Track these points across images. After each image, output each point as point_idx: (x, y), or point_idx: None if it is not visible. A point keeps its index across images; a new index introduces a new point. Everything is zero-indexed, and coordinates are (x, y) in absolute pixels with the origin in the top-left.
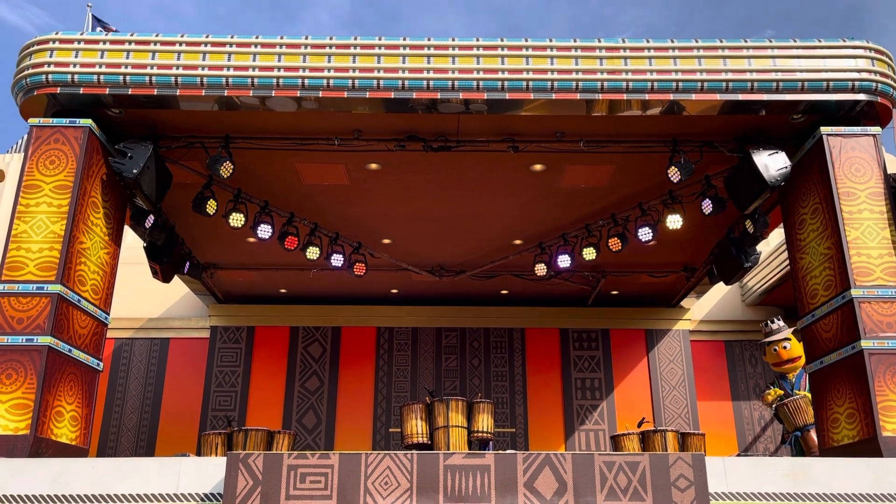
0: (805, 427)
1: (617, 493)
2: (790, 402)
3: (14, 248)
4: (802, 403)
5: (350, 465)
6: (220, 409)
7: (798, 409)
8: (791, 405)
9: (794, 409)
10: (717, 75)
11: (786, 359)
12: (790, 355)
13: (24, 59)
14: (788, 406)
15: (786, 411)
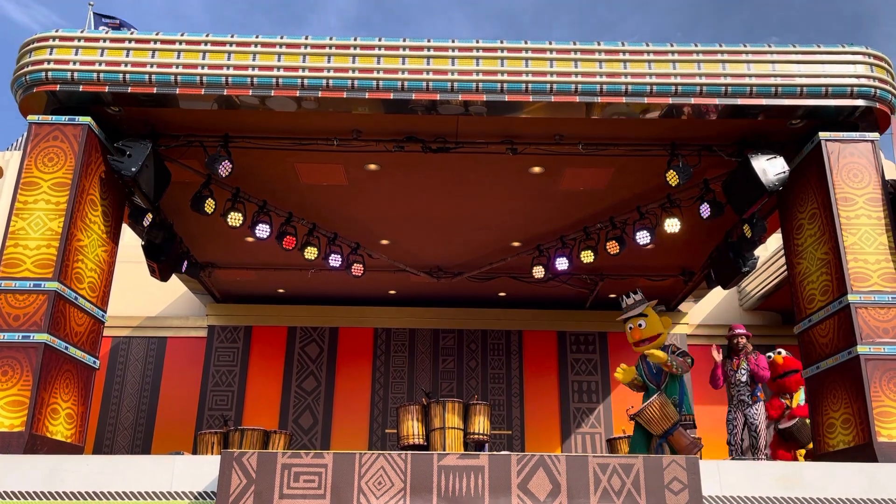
0: (668, 432)
1: (611, 495)
2: (644, 413)
3: (12, 244)
4: (657, 410)
5: (344, 465)
6: (217, 408)
7: (653, 419)
8: (646, 415)
9: (650, 420)
10: (716, 79)
11: (638, 339)
12: (643, 335)
13: (23, 55)
14: (643, 417)
15: (643, 421)
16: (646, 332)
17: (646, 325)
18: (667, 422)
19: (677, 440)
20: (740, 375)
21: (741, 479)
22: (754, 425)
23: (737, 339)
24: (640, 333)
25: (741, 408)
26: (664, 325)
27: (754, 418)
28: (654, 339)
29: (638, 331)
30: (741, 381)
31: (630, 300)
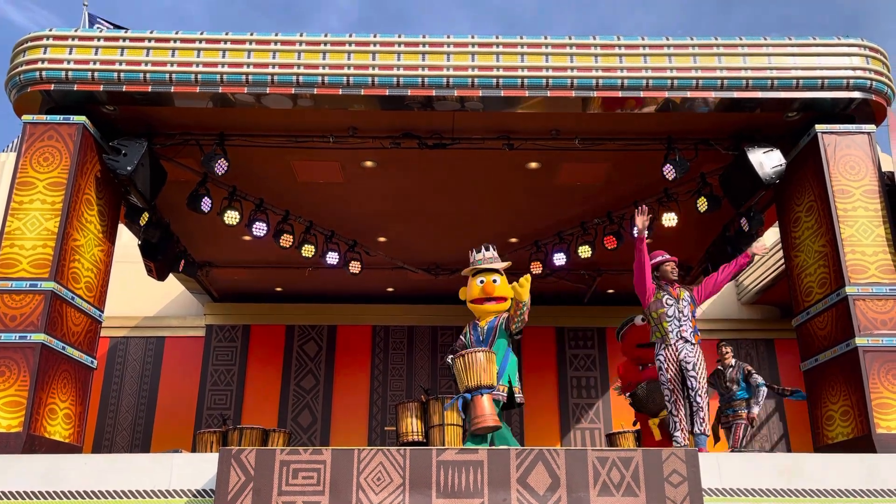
0: (478, 390)
1: (610, 488)
2: (468, 354)
3: (7, 245)
4: (482, 358)
5: (342, 461)
6: (216, 407)
7: (472, 364)
8: (467, 360)
9: (468, 365)
10: (712, 73)
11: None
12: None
13: (17, 55)
14: (465, 360)
15: (459, 366)
16: (499, 290)
17: (500, 283)
18: (481, 378)
19: (478, 405)
20: (682, 305)
21: (741, 471)
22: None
23: (665, 265)
24: (493, 289)
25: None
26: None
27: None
28: (501, 301)
29: (492, 286)
30: (682, 314)
31: (485, 254)
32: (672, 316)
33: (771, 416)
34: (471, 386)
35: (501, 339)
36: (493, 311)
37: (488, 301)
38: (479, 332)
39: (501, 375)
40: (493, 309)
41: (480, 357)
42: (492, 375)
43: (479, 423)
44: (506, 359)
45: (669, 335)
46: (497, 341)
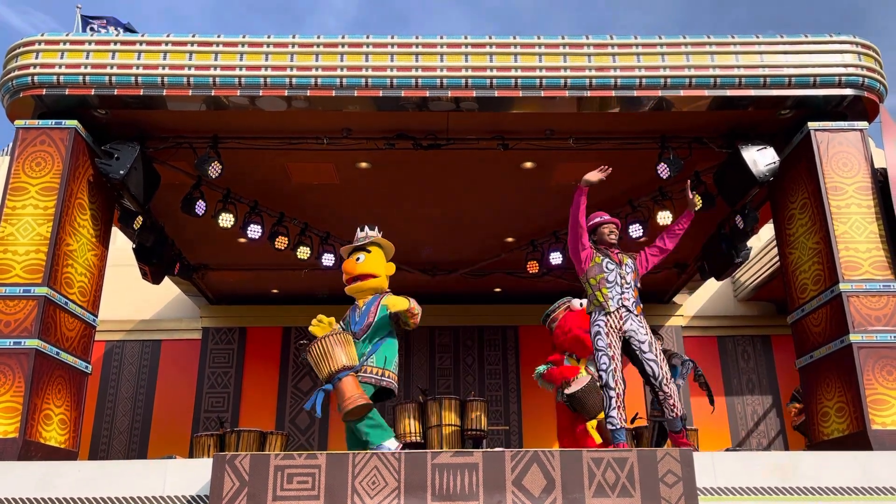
0: (338, 374)
1: (605, 489)
2: (319, 341)
3: (0, 250)
4: (335, 341)
5: (337, 465)
6: (213, 410)
7: (327, 350)
8: (319, 348)
9: (323, 352)
10: (704, 71)
11: (351, 273)
12: (357, 270)
13: (9, 60)
14: (316, 349)
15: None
16: (361, 266)
17: (364, 260)
18: (334, 362)
19: (343, 388)
20: (625, 272)
21: (736, 470)
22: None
23: (603, 227)
24: (354, 267)
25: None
26: (387, 269)
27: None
28: (366, 279)
29: (352, 265)
30: (625, 280)
31: (362, 233)
32: (613, 282)
33: (768, 412)
34: (332, 371)
35: (382, 320)
36: (364, 290)
37: (353, 281)
38: (356, 313)
39: (370, 357)
40: (362, 288)
41: (333, 340)
42: (351, 356)
43: (349, 405)
44: (381, 341)
45: (610, 302)
46: (376, 322)
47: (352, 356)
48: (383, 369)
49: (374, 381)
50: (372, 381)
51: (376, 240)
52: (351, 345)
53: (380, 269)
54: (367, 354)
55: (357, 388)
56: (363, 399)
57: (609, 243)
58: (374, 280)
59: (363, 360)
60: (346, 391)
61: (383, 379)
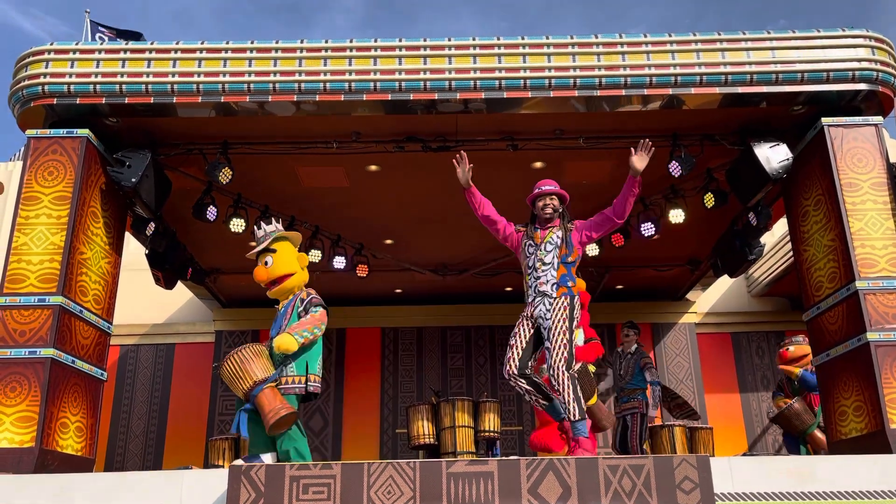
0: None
1: (622, 496)
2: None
3: (15, 260)
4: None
5: (352, 475)
6: (228, 413)
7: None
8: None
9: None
10: (715, 68)
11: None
12: (271, 275)
13: (20, 70)
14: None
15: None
16: (272, 270)
17: (273, 262)
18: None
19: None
20: (544, 252)
21: (753, 475)
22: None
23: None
24: (266, 273)
25: (539, 306)
26: (301, 260)
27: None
28: (283, 280)
29: (264, 270)
30: (542, 262)
31: (261, 231)
32: (531, 268)
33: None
34: (246, 390)
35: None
36: (287, 291)
37: (272, 286)
38: (278, 317)
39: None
40: (284, 290)
41: (243, 355)
42: (266, 368)
43: (272, 419)
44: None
45: (528, 291)
46: (289, 325)
47: (266, 367)
48: (305, 376)
49: (296, 391)
50: (295, 391)
51: (279, 234)
52: (263, 356)
53: (293, 266)
54: (285, 362)
55: (276, 399)
56: (286, 409)
57: (544, 219)
58: (292, 279)
59: (280, 370)
60: (264, 405)
61: (310, 385)
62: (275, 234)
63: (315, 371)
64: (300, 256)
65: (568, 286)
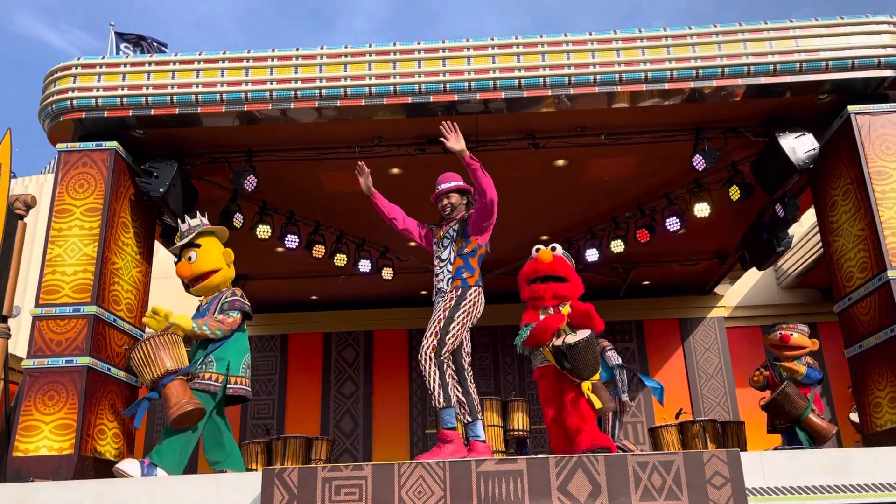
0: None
1: (652, 493)
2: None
3: (49, 271)
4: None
5: (383, 476)
6: (259, 417)
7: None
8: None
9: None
10: (737, 59)
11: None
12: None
13: (49, 85)
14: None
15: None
16: (196, 266)
17: (197, 258)
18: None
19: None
20: (440, 249)
21: (785, 469)
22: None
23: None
24: (189, 269)
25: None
26: (227, 256)
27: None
28: (208, 277)
29: (187, 266)
30: (439, 258)
31: (185, 225)
32: (434, 266)
33: None
34: (155, 377)
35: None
36: (212, 288)
37: (195, 283)
38: (200, 313)
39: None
40: (209, 287)
41: (156, 342)
42: (179, 358)
43: (175, 412)
44: (221, 343)
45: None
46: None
47: (179, 358)
48: (225, 375)
49: (211, 389)
50: (209, 388)
51: (204, 229)
52: (178, 346)
53: (219, 261)
54: (203, 358)
55: (184, 393)
56: (192, 404)
57: (445, 216)
58: (217, 275)
59: (197, 365)
60: (170, 397)
61: (231, 387)
62: (199, 228)
63: (238, 373)
64: (226, 252)
65: (463, 278)
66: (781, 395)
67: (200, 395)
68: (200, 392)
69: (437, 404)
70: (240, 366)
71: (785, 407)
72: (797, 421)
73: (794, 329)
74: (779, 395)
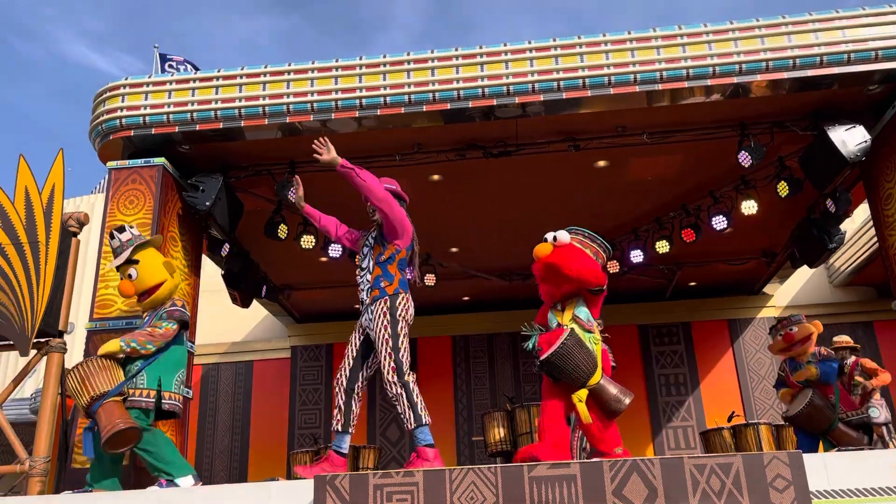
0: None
1: (711, 496)
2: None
3: (102, 286)
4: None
5: (435, 482)
6: (306, 427)
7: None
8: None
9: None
10: (782, 53)
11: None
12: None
13: (98, 105)
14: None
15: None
16: (138, 283)
17: (139, 275)
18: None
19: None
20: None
21: (850, 471)
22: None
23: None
24: (132, 287)
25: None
26: (168, 267)
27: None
28: (155, 291)
29: (129, 284)
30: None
31: (115, 242)
32: (356, 275)
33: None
34: (88, 402)
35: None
36: (156, 304)
37: (143, 298)
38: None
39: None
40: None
41: (91, 366)
42: (112, 379)
43: (110, 431)
44: (155, 357)
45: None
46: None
47: (112, 380)
48: (157, 391)
49: (144, 405)
50: (142, 404)
51: (139, 242)
52: (112, 369)
53: (161, 273)
54: (136, 374)
55: (117, 413)
56: (125, 424)
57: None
58: (164, 288)
59: (129, 382)
60: (102, 419)
61: (164, 402)
62: (133, 242)
63: (171, 388)
64: (167, 262)
65: (381, 287)
66: (811, 407)
67: (132, 413)
68: (131, 409)
69: (409, 425)
70: (172, 381)
71: (813, 420)
72: (824, 433)
73: (788, 324)
74: (807, 408)
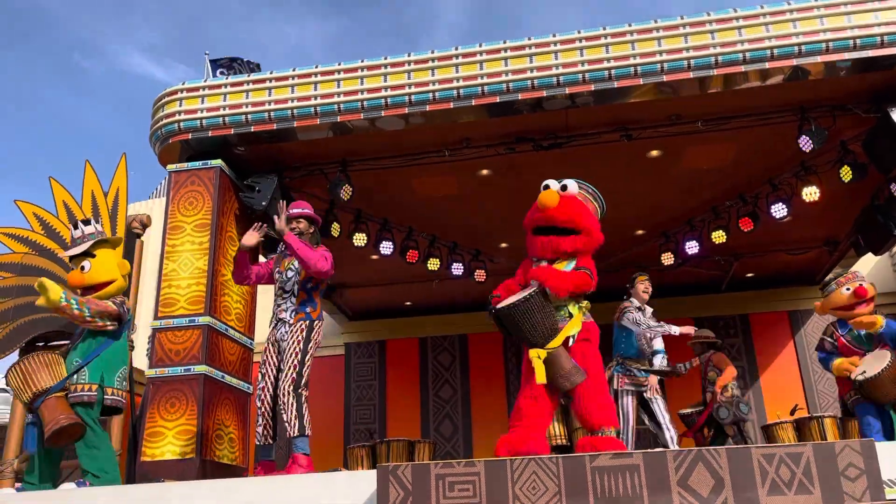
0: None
1: (780, 486)
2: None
3: (166, 285)
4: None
5: (496, 472)
6: (362, 422)
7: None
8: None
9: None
10: (842, 33)
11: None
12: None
13: (157, 111)
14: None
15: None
16: (89, 277)
17: (91, 268)
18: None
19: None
20: (284, 278)
21: None
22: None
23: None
24: (81, 279)
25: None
26: (122, 268)
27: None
28: (101, 289)
29: (79, 275)
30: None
31: (77, 232)
32: (276, 294)
33: None
34: (30, 398)
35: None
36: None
37: (87, 293)
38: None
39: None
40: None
41: (35, 362)
42: (55, 375)
43: (49, 430)
44: (96, 352)
45: (272, 317)
46: (87, 330)
47: (55, 376)
48: (99, 385)
49: (87, 399)
50: (83, 399)
51: (100, 238)
52: (55, 364)
53: (114, 272)
54: (77, 369)
55: (59, 409)
56: (67, 420)
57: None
58: (112, 287)
59: (71, 377)
60: (45, 415)
61: (107, 398)
62: (94, 237)
63: (112, 384)
64: (122, 263)
65: (306, 311)
66: (887, 372)
67: (76, 408)
68: (76, 405)
69: (292, 433)
70: (114, 377)
71: (885, 388)
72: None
73: (856, 279)
74: (884, 373)
